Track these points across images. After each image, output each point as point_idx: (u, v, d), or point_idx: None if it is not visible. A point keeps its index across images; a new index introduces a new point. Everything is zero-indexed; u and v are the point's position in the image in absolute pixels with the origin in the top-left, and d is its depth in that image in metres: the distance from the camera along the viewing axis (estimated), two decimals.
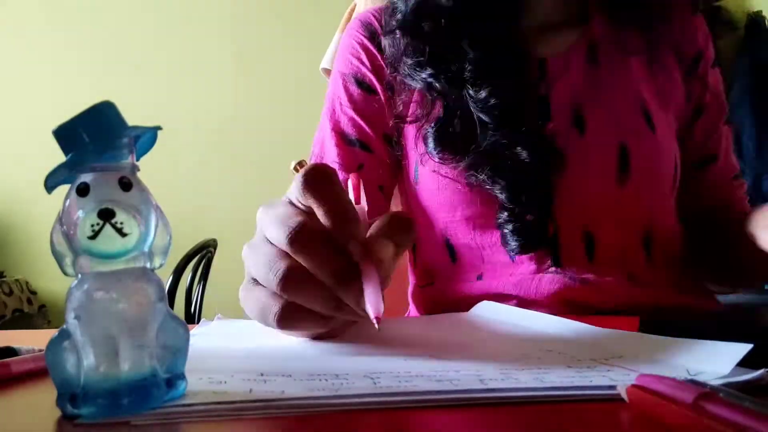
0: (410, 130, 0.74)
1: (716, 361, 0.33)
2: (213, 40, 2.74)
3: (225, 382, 0.31)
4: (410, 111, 0.73)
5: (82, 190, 0.27)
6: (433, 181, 0.71)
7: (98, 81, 2.64)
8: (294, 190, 0.38)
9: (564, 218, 0.68)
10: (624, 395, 0.29)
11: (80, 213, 0.27)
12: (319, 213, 0.37)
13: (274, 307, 0.38)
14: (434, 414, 0.28)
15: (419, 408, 0.29)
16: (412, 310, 0.80)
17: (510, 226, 0.66)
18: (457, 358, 0.38)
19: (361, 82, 0.77)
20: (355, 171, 0.65)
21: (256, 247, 0.40)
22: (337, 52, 0.82)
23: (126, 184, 0.28)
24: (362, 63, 0.77)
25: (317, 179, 0.37)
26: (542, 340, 0.44)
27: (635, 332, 0.44)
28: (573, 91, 0.71)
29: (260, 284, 0.40)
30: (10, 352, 0.39)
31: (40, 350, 0.39)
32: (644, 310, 0.61)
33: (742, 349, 0.33)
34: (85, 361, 0.27)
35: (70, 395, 0.27)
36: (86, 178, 0.28)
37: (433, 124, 0.70)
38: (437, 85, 0.69)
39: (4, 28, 2.67)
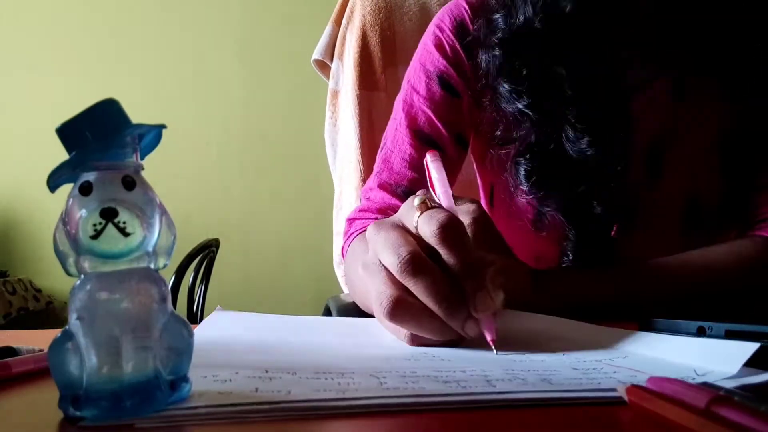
0: (477, 145, 0.75)
1: (723, 360, 0.33)
2: (216, 38, 2.73)
3: (230, 381, 0.31)
4: (497, 131, 0.71)
5: (85, 189, 0.27)
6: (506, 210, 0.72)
7: (101, 80, 2.63)
8: (423, 227, 0.41)
9: None
10: (624, 397, 0.28)
11: (83, 212, 0.26)
12: (450, 261, 0.40)
13: (401, 334, 0.43)
14: (439, 416, 0.28)
15: (425, 411, 0.28)
16: None
17: None
18: (462, 358, 0.38)
19: (446, 84, 0.74)
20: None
21: (371, 270, 0.44)
22: (419, 44, 0.78)
23: (129, 183, 0.27)
24: (450, 64, 0.74)
25: (455, 232, 0.41)
26: (545, 340, 0.44)
27: (638, 331, 0.44)
28: (653, 135, 0.69)
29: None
30: (10, 352, 0.39)
31: (41, 350, 0.39)
32: None
33: (750, 348, 0.33)
34: (88, 363, 0.26)
35: (72, 397, 0.27)
36: (89, 176, 0.27)
37: (526, 156, 0.67)
38: (534, 117, 0.66)
39: (6, 26, 2.67)
